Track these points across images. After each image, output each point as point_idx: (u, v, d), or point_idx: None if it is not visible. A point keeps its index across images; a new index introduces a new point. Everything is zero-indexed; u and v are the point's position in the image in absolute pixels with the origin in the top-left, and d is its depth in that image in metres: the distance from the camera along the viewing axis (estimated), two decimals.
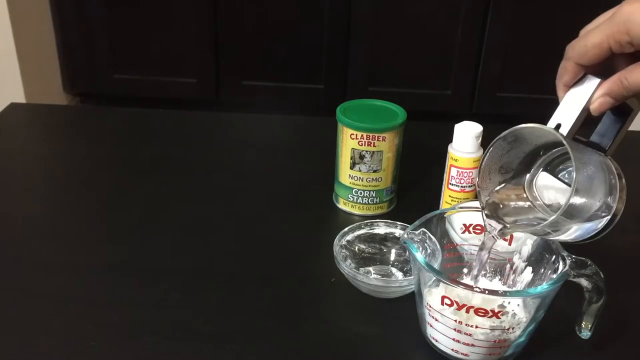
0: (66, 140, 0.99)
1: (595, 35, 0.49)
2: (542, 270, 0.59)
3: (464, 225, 0.62)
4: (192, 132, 1.02)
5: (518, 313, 0.54)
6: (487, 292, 0.52)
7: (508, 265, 0.63)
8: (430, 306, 0.57)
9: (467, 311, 0.53)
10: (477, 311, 0.53)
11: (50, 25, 2.33)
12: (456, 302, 0.54)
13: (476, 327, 0.54)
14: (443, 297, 0.54)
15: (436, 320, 0.57)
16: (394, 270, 0.71)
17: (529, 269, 0.60)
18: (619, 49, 0.48)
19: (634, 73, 0.48)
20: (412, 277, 0.64)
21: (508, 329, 0.55)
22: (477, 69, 2.32)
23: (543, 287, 0.54)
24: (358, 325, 0.64)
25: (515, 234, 0.61)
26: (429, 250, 0.60)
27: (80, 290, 0.67)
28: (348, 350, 0.61)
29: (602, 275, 0.55)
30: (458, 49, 2.28)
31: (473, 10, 2.22)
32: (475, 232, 0.62)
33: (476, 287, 0.53)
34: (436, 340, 0.59)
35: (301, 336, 0.62)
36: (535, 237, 0.59)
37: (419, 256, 0.55)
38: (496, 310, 0.53)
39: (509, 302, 0.54)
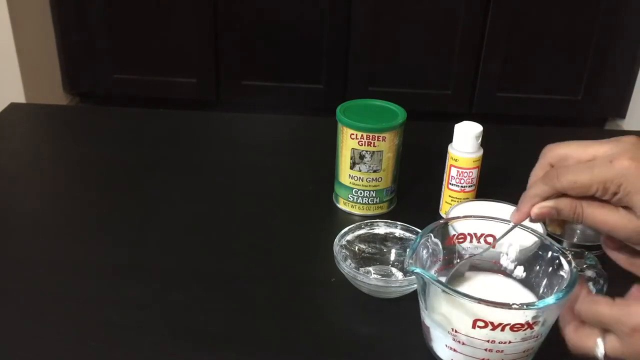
0: (66, 140, 0.99)
1: (586, 176, 0.49)
2: (537, 267, 0.59)
3: (464, 234, 0.62)
4: (192, 132, 1.02)
5: (547, 319, 0.54)
6: (525, 306, 0.51)
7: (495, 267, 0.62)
8: (456, 331, 0.54)
9: (503, 329, 0.52)
10: (513, 327, 0.52)
11: (50, 25, 2.33)
12: (491, 323, 0.52)
13: (509, 342, 0.53)
14: (475, 321, 0.52)
15: (463, 344, 0.54)
16: (394, 270, 0.71)
17: (520, 267, 0.60)
18: (602, 195, 0.48)
19: (592, 211, 0.49)
20: (412, 277, 0.63)
21: (537, 337, 0.54)
22: (477, 69, 2.32)
23: (570, 285, 0.53)
24: (358, 325, 0.64)
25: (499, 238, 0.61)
26: (430, 250, 0.60)
27: (81, 290, 0.67)
28: (348, 351, 0.61)
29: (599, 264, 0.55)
30: (458, 49, 2.28)
31: (473, 10, 2.22)
32: (478, 242, 0.61)
33: (513, 304, 0.52)
34: None
35: (301, 336, 0.62)
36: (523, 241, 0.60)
37: (448, 285, 0.53)
38: (531, 322, 0.52)
39: (542, 312, 0.53)
